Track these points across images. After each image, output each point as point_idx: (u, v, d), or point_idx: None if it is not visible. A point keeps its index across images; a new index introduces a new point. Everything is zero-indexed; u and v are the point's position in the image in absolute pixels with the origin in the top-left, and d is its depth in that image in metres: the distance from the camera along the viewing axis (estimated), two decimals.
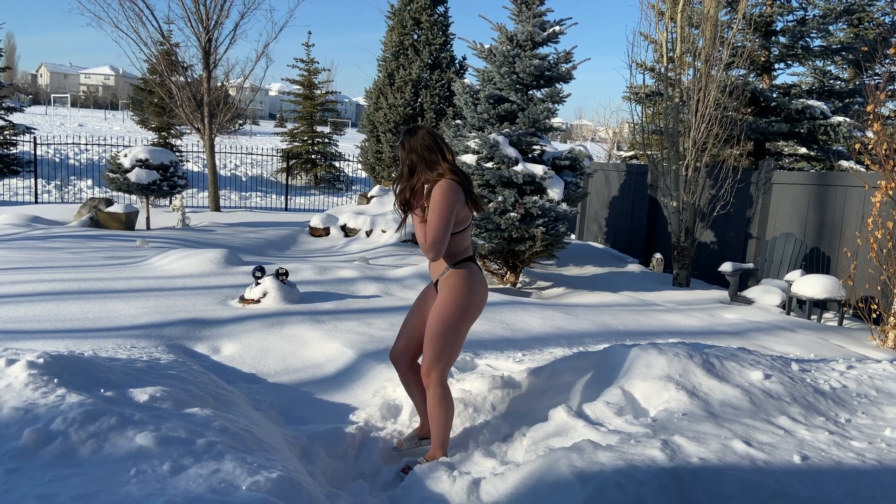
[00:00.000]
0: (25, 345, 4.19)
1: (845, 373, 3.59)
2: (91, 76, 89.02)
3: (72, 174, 19.26)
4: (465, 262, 3.17)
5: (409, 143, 3.12)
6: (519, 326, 5.57)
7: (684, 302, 8.41)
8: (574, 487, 2.33)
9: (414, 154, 3.10)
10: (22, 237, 9.49)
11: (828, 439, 2.72)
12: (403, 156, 3.14)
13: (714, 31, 9.55)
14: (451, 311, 3.10)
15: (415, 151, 3.10)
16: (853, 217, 7.95)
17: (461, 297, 3.11)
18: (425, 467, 2.94)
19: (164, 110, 19.82)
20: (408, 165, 3.13)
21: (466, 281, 3.13)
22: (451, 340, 3.12)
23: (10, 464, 2.29)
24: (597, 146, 31.26)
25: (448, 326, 3.09)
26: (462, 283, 3.12)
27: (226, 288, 6.10)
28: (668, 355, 3.39)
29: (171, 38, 17.61)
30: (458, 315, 3.11)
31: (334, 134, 25.33)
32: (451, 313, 3.10)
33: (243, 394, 3.83)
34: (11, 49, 66.36)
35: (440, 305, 3.12)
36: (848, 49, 12.80)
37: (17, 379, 2.80)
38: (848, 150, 12.36)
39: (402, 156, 3.14)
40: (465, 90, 9.64)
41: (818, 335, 6.35)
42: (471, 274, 3.16)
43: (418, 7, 16.38)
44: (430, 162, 3.09)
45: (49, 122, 35.45)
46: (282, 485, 2.37)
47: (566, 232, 9.21)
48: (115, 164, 12.36)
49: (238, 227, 13.22)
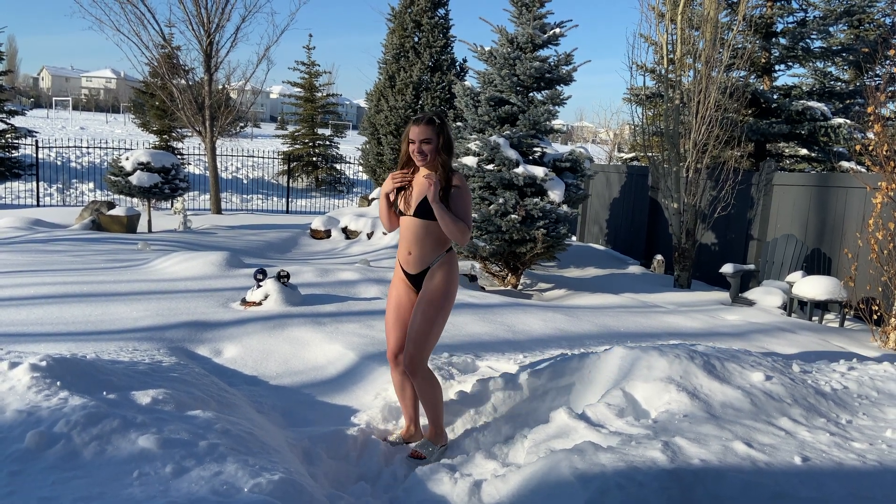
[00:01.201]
0: (28, 348, 4.20)
1: (846, 374, 3.60)
2: (93, 79, 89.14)
3: (73, 177, 19.30)
4: (450, 249, 3.35)
5: (446, 127, 3.21)
6: (520, 328, 5.57)
7: (685, 303, 8.41)
8: (575, 489, 2.34)
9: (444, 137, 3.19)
10: (24, 240, 9.50)
11: (829, 440, 2.73)
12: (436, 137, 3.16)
13: (714, 33, 9.56)
14: (445, 298, 3.27)
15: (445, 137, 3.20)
16: (854, 218, 7.95)
17: (452, 285, 3.30)
18: (427, 469, 2.95)
19: (165, 113, 19.86)
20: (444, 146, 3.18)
21: (455, 266, 3.34)
22: (442, 326, 3.31)
23: (14, 466, 2.30)
24: (597, 148, 31.27)
25: (444, 314, 3.27)
26: (451, 269, 3.31)
27: (227, 290, 6.11)
28: (670, 357, 3.39)
29: (172, 42, 17.65)
30: (451, 301, 3.31)
31: (335, 136, 25.36)
32: (447, 301, 3.28)
33: (245, 396, 3.84)
34: (13, 52, 66.48)
35: (435, 294, 3.24)
36: (848, 50, 12.81)
37: (20, 382, 2.81)
38: (849, 151, 12.35)
39: (433, 135, 3.16)
40: (465, 92, 9.65)
41: (819, 336, 6.35)
42: (455, 259, 3.37)
43: (419, 10, 16.41)
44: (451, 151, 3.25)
45: (51, 125, 35.52)
46: (284, 487, 2.37)
47: (567, 234, 9.22)
48: (116, 167, 12.38)
49: (239, 229, 13.24)
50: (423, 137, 3.14)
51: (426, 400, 3.32)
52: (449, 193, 3.17)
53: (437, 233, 3.23)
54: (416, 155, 3.17)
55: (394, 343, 3.41)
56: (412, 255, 3.28)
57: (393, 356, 3.41)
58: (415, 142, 3.16)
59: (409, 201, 3.26)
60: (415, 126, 3.18)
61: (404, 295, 3.38)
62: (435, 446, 3.37)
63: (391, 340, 3.42)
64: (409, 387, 3.45)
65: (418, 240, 3.24)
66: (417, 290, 3.33)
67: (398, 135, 16.45)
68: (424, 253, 3.26)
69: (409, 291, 3.37)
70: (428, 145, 3.15)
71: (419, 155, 3.16)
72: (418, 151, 3.16)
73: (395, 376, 3.46)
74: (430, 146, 3.15)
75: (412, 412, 3.54)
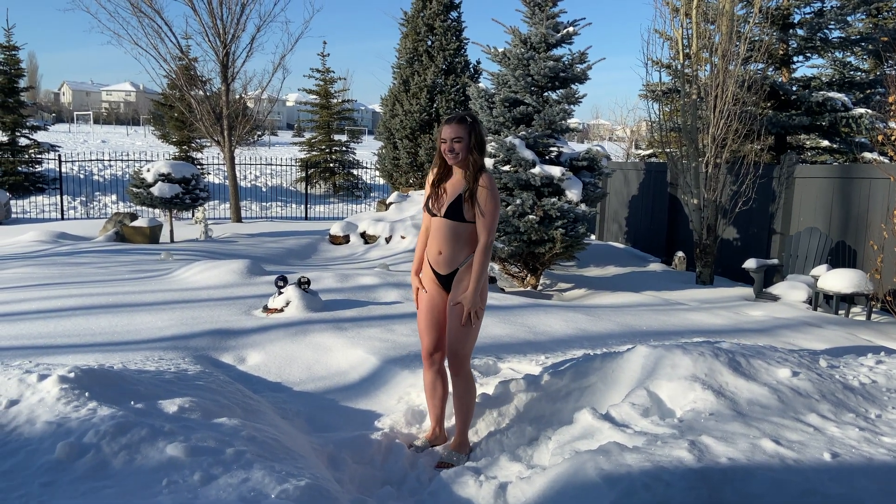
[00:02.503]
0: (56, 359, 4.27)
1: (874, 368, 3.54)
2: (112, 93, 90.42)
3: (96, 190, 19.58)
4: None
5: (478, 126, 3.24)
6: (541, 329, 5.56)
7: (708, 300, 8.33)
8: (601, 490, 2.33)
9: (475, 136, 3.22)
10: (50, 253, 9.66)
11: (858, 436, 2.69)
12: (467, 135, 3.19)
13: (730, 26, 9.47)
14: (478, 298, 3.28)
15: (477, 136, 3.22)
16: (878, 209, 7.82)
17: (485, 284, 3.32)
18: (452, 473, 2.95)
19: (184, 124, 20.09)
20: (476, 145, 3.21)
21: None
22: (478, 326, 3.34)
23: (45, 477, 2.34)
24: (614, 145, 31.07)
25: (480, 313, 3.30)
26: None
27: (249, 298, 6.16)
28: (694, 355, 3.36)
29: (189, 54, 17.87)
30: (483, 301, 3.32)
31: (351, 142, 25.46)
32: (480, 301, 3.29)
33: (269, 403, 3.87)
34: (33, 69, 67.71)
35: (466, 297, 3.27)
36: (867, 39, 12.62)
37: (49, 393, 2.85)
38: (871, 141, 12.17)
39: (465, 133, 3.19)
40: (480, 94, 9.65)
41: (846, 330, 6.25)
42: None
43: (431, 13, 16.44)
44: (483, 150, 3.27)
45: (72, 139, 36.08)
46: (310, 492, 2.39)
47: (586, 233, 9.17)
48: (138, 179, 12.55)
49: (259, 237, 13.35)
50: (455, 136, 3.18)
51: (462, 403, 3.36)
52: (475, 193, 3.21)
53: (466, 235, 3.27)
54: (448, 153, 3.21)
55: (429, 343, 3.42)
56: (442, 254, 3.31)
57: (428, 355, 3.43)
58: (446, 141, 3.20)
59: (442, 202, 3.30)
60: (447, 125, 3.23)
61: (437, 296, 3.40)
62: (461, 455, 3.37)
63: (426, 340, 3.44)
64: (440, 387, 3.47)
65: (448, 240, 3.28)
66: (447, 290, 3.35)
67: (414, 139, 16.49)
68: (454, 253, 3.30)
69: (440, 291, 3.40)
70: (459, 143, 3.19)
71: (450, 153, 3.20)
72: (449, 150, 3.20)
73: (428, 376, 3.47)
74: (461, 144, 3.19)
75: (440, 412, 3.55)
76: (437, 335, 3.40)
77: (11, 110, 19.87)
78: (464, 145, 3.19)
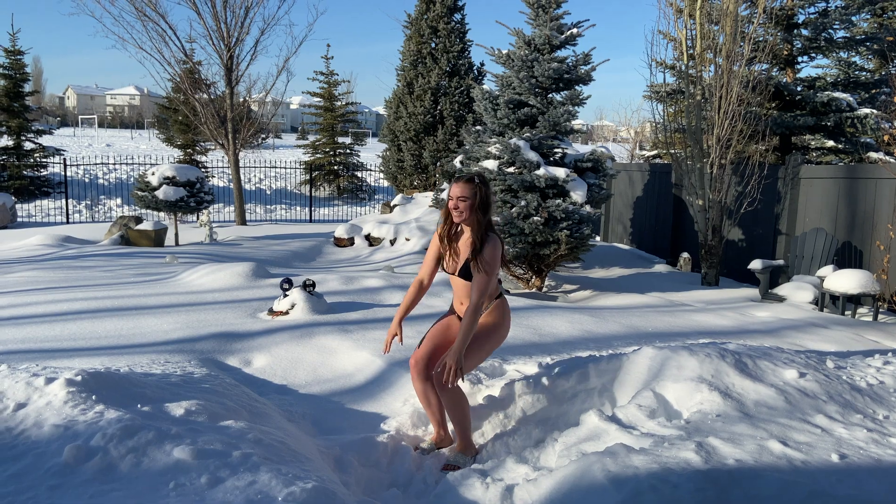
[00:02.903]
0: (63, 363, 4.28)
1: (882, 369, 3.53)
2: (117, 97, 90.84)
3: (101, 193, 19.65)
4: (500, 296, 3.51)
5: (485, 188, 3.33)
6: (546, 331, 5.55)
7: (714, 301, 8.31)
8: (608, 492, 2.32)
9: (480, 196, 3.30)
10: (56, 257, 9.70)
11: (866, 437, 2.68)
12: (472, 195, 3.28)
13: (734, 27, 9.46)
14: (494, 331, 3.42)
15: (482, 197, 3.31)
16: (885, 209, 7.80)
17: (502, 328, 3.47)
18: (458, 475, 2.95)
19: (188, 128, 20.17)
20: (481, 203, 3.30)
21: (505, 310, 3.51)
22: (483, 355, 3.43)
23: (53, 480, 2.35)
24: (619, 147, 31.06)
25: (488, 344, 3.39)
26: (503, 312, 3.49)
27: (254, 301, 6.17)
28: (700, 356, 3.35)
29: (193, 57, 17.94)
30: (498, 336, 3.47)
31: (355, 144, 25.57)
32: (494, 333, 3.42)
33: (275, 405, 3.88)
34: (38, 73, 68.01)
35: (485, 326, 3.37)
36: (872, 39, 12.59)
37: (56, 397, 2.86)
38: (876, 141, 12.13)
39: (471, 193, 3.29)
40: (484, 96, 9.66)
41: (853, 331, 6.23)
42: (506, 304, 3.54)
43: (435, 16, 16.46)
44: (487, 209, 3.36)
45: (77, 143, 36.23)
46: (317, 495, 2.39)
47: (591, 234, 9.16)
48: (142, 183, 12.59)
49: (264, 239, 13.37)
50: (461, 195, 3.30)
51: (454, 414, 3.37)
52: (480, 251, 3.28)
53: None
54: (453, 211, 3.34)
55: (423, 351, 3.44)
56: (464, 305, 3.44)
57: (416, 361, 3.42)
58: (453, 199, 3.32)
59: (456, 262, 3.41)
60: (455, 184, 3.35)
61: (456, 323, 3.52)
62: (467, 457, 3.39)
63: (423, 347, 3.46)
64: (432, 395, 3.45)
65: (467, 295, 3.40)
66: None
67: (418, 141, 16.51)
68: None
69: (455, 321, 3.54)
70: (464, 202, 3.29)
71: (455, 211, 3.33)
72: (454, 207, 3.32)
73: (418, 385, 3.45)
74: (465, 203, 3.29)
75: (439, 417, 3.55)
76: (434, 349, 3.43)
77: (17, 114, 19.97)
78: (468, 205, 3.28)
